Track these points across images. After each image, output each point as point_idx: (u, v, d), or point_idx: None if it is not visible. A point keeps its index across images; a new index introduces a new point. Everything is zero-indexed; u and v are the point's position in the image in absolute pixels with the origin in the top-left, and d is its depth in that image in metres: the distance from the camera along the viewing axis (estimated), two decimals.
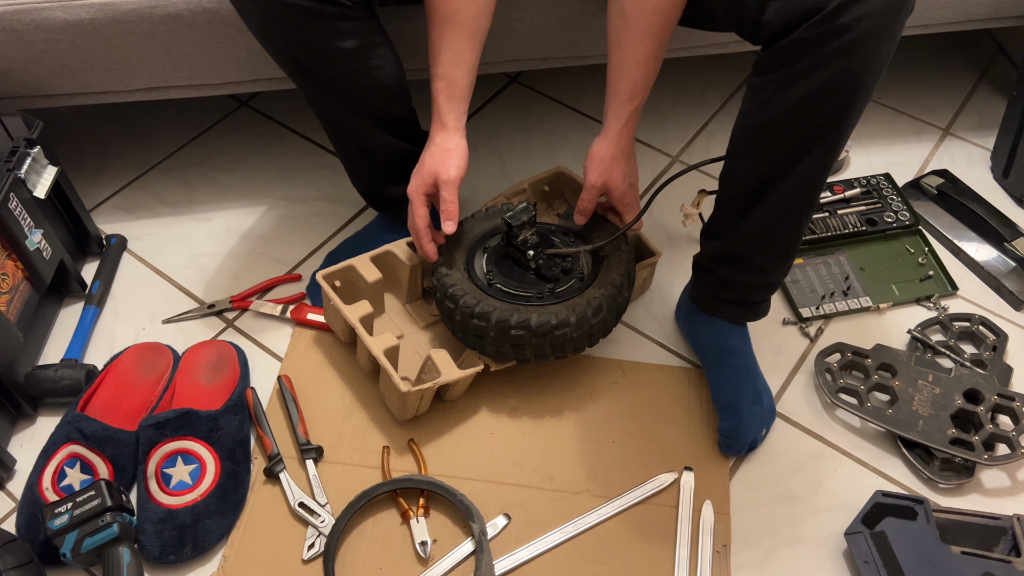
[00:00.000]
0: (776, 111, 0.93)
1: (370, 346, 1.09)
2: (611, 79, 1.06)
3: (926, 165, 1.50)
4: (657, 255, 1.24)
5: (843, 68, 0.88)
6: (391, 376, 1.06)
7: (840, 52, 0.86)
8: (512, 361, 1.13)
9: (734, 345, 1.15)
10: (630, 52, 1.02)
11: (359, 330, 1.11)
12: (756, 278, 1.10)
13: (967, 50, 1.69)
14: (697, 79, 1.62)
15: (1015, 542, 1.01)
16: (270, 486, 1.10)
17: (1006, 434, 1.10)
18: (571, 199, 1.34)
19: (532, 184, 1.31)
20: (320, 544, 1.04)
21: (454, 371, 1.09)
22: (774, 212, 1.02)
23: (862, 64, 0.88)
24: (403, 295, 1.25)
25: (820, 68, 0.88)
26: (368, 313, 1.13)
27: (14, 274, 1.16)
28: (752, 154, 1.01)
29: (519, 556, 1.04)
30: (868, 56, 0.87)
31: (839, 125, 0.93)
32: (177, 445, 1.07)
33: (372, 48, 1.07)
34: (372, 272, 1.17)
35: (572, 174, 1.32)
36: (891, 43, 0.89)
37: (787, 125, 0.94)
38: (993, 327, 1.24)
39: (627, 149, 1.10)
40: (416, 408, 1.12)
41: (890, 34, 0.87)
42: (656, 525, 1.06)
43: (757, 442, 1.12)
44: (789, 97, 0.91)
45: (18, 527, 1.04)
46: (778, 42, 0.89)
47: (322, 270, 1.18)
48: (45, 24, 1.15)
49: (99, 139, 1.54)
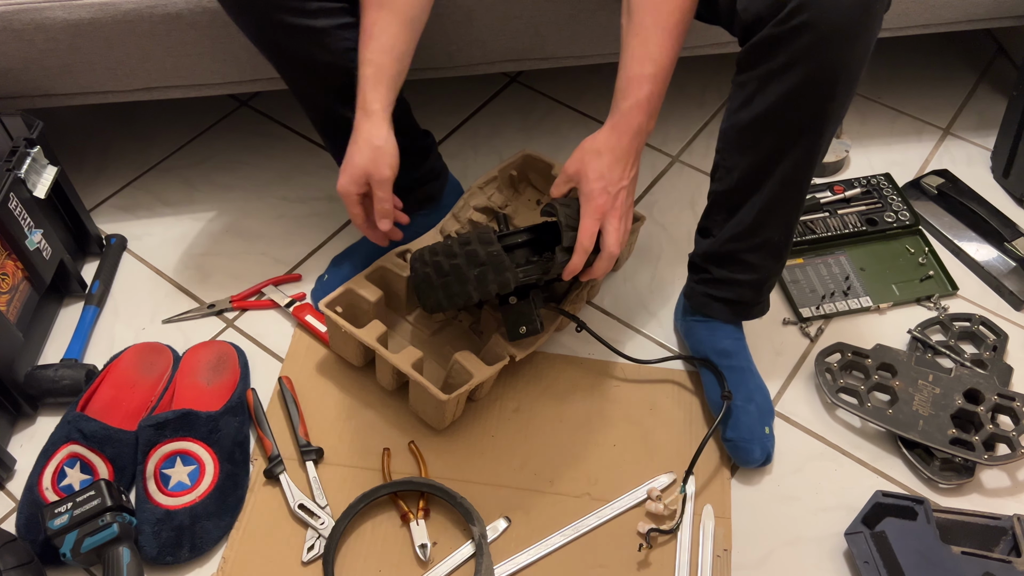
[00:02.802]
0: (757, 109, 0.95)
1: (397, 363, 1.08)
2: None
3: (926, 165, 1.50)
4: (641, 219, 1.23)
5: (817, 65, 0.88)
6: (426, 387, 1.06)
7: (811, 49, 0.87)
8: (532, 348, 1.12)
9: (726, 347, 1.15)
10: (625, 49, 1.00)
11: (380, 351, 1.09)
12: (748, 277, 1.10)
13: (967, 50, 1.69)
14: (697, 79, 1.62)
15: (1015, 542, 1.01)
16: (270, 487, 1.10)
17: (1006, 434, 1.10)
18: (537, 182, 1.33)
19: (501, 171, 1.30)
20: (320, 546, 1.04)
21: (484, 369, 1.08)
22: (762, 209, 1.02)
23: (836, 61, 0.88)
24: (402, 307, 1.24)
25: (795, 65, 0.89)
26: (383, 332, 1.12)
27: (14, 274, 1.16)
28: (738, 152, 1.01)
29: (519, 560, 1.03)
30: (842, 53, 0.88)
31: (820, 121, 0.94)
32: (176, 446, 1.07)
33: (346, 29, 1.05)
34: (372, 291, 1.16)
35: (538, 155, 1.30)
36: (867, 39, 0.89)
37: (769, 122, 0.95)
38: (993, 327, 1.24)
39: (615, 148, 0.99)
40: (453, 414, 1.12)
41: (864, 30, 0.87)
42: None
43: (770, 447, 1.11)
44: (768, 95, 0.93)
45: (18, 527, 1.04)
46: (753, 37, 0.91)
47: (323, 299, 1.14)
48: (45, 24, 1.15)
49: (99, 139, 1.54)
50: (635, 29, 0.97)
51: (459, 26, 1.24)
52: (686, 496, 1.07)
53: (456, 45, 1.28)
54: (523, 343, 1.12)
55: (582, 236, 0.99)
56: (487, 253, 1.03)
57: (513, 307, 1.08)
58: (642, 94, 0.98)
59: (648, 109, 0.99)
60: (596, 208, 0.99)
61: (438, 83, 1.53)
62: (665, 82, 0.99)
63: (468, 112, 1.58)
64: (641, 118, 0.99)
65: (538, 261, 1.06)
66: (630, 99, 0.98)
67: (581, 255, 1.00)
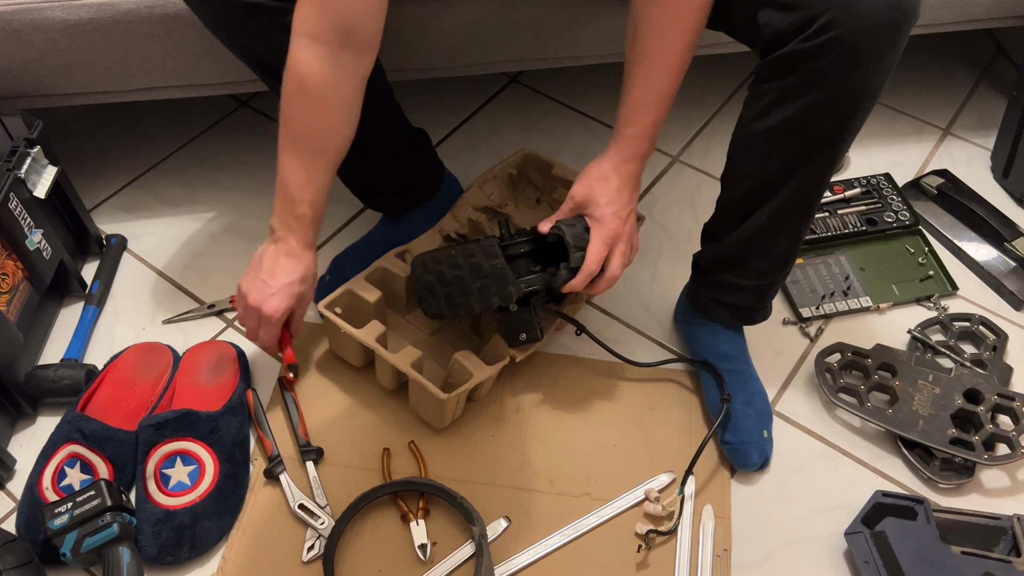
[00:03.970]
0: (775, 121, 0.93)
1: (396, 363, 1.08)
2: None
3: (926, 165, 1.50)
4: (641, 219, 1.23)
5: (841, 83, 0.87)
6: (426, 387, 1.06)
7: (836, 67, 0.85)
8: (532, 349, 1.12)
9: (727, 350, 1.15)
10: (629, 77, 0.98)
11: (380, 351, 1.10)
12: (752, 282, 1.10)
13: (967, 50, 1.69)
14: (697, 79, 1.62)
15: (1015, 542, 1.01)
16: (270, 487, 1.10)
17: (1006, 434, 1.10)
18: (537, 180, 1.33)
19: (500, 170, 1.29)
20: (320, 546, 1.04)
21: (484, 369, 1.08)
22: (772, 218, 1.02)
23: (859, 81, 0.87)
24: (402, 307, 1.24)
25: (816, 83, 0.87)
26: (382, 332, 1.12)
27: (14, 274, 1.16)
28: (751, 160, 1.00)
29: (519, 560, 1.03)
30: (865, 73, 0.86)
31: (838, 138, 0.93)
32: (176, 446, 1.07)
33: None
34: (371, 292, 1.16)
35: (538, 154, 1.29)
36: (892, 57, 0.87)
37: (785, 135, 0.94)
38: (993, 327, 1.24)
39: (620, 172, 1.01)
40: (453, 413, 1.12)
41: (891, 48, 0.86)
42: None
43: (767, 451, 1.11)
44: (787, 109, 0.91)
45: (18, 527, 1.04)
46: (774, 52, 0.89)
47: (322, 300, 1.15)
48: (45, 24, 1.15)
49: (99, 139, 1.54)
50: (639, 58, 0.97)
51: (459, 26, 1.24)
52: (684, 497, 1.07)
53: (456, 45, 1.28)
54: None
55: (590, 260, 1.00)
56: (491, 266, 1.04)
57: (513, 314, 1.08)
58: (647, 122, 0.99)
59: (652, 136, 1.00)
60: (609, 233, 1.00)
61: (438, 83, 1.53)
62: (667, 108, 0.99)
63: (468, 112, 1.58)
64: (645, 145, 1.00)
65: (541, 273, 1.06)
66: (634, 127, 0.99)
67: (586, 277, 1.00)
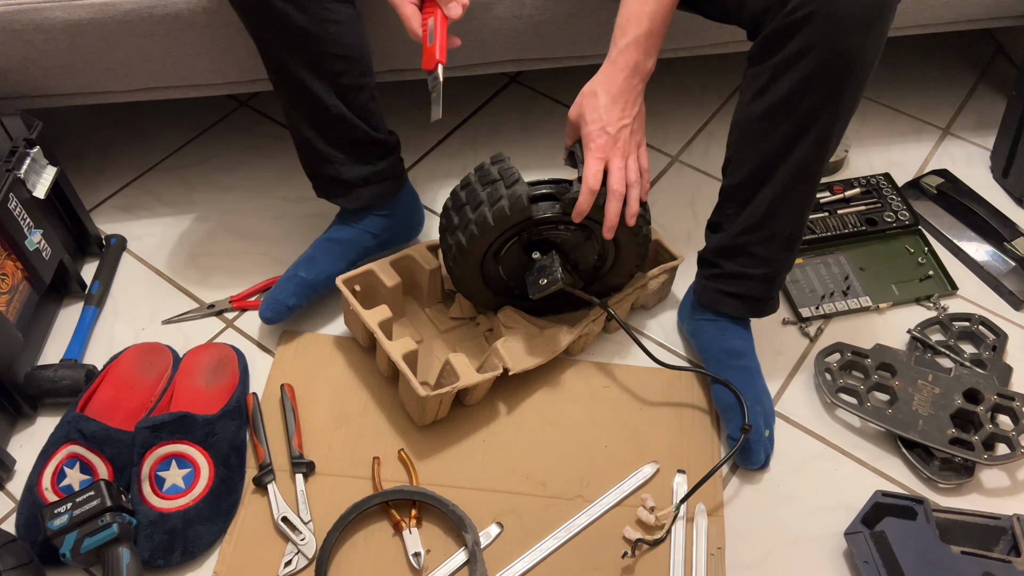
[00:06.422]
0: (772, 98, 0.96)
1: (389, 350, 1.08)
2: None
3: (926, 165, 1.50)
4: (679, 259, 1.23)
5: (832, 51, 0.90)
6: (410, 380, 1.06)
7: (825, 35, 0.89)
8: (532, 365, 1.12)
9: (737, 346, 1.15)
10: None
11: (378, 334, 1.10)
12: (759, 270, 1.10)
13: (967, 50, 1.69)
14: (697, 79, 1.62)
15: (1015, 542, 1.01)
16: (259, 496, 1.09)
17: (1006, 434, 1.10)
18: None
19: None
20: (297, 562, 1.02)
21: (472, 375, 1.08)
22: (774, 199, 1.03)
23: (851, 47, 0.90)
24: (423, 299, 1.24)
25: (809, 51, 0.91)
26: (387, 318, 1.12)
27: (14, 274, 1.16)
28: (750, 143, 1.02)
29: (514, 568, 1.03)
30: (856, 39, 0.89)
31: (833, 108, 0.95)
32: (172, 448, 1.06)
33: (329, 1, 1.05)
34: (391, 276, 1.16)
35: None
36: (881, 26, 0.90)
37: (783, 110, 0.96)
38: (993, 327, 1.24)
39: (610, 87, 0.99)
40: (435, 413, 1.12)
41: (878, 19, 0.89)
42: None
43: (770, 450, 1.11)
44: (784, 82, 0.94)
45: (18, 527, 1.04)
46: (764, 30, 0.93)
47: (342, 275, 1.16)
48: (45, 24, 1.15)
49: (99, 139, 1.54)
50: None
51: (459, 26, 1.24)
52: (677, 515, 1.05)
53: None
54: (523, 359, 1.13)
55: (586, 176, 1.00)
56: (499, 169, 1.05)
57: (535, 261, 1.08)
58: (640, 31, 0.97)
59: (646, 46, 0.98)
60: (597, 148, 0.99)
61: None
62: (664, 23, 0.99)
63: (468, 112, 1.58)
64: (638, 55, 0.98)
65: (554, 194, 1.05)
66: (628, 36, 0.98)
67: (587, 195, 1.00)
